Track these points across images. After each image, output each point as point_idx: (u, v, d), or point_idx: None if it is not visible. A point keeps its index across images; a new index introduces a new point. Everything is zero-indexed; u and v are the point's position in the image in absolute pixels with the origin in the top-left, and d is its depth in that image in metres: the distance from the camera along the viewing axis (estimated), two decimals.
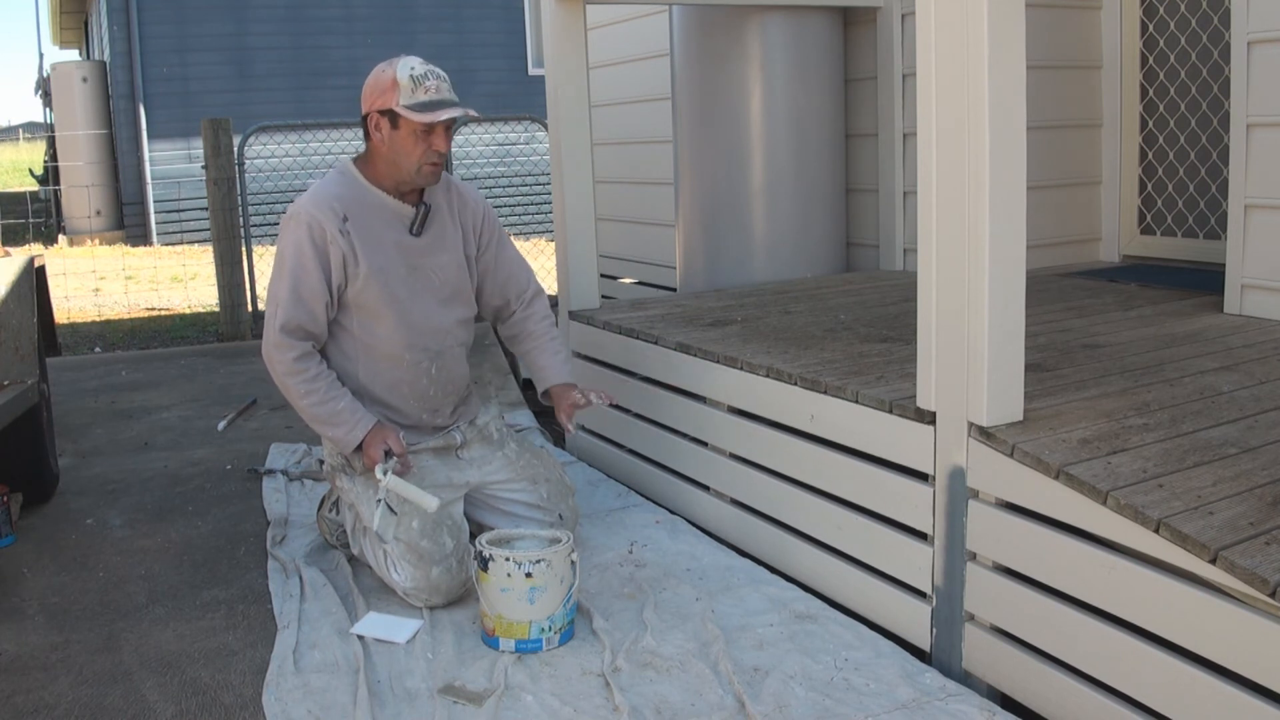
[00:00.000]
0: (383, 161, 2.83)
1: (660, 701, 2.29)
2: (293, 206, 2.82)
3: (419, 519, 2.79)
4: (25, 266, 3.63)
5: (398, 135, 2.77)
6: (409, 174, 2.82)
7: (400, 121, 2.75)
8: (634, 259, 6.29)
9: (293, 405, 2.86)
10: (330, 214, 2.77)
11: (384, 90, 2.76)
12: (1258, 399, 2.51)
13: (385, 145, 2.80)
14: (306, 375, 2.79)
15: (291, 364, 2.78)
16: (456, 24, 13.43)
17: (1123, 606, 2.03)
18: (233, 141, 6.70)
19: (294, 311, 2.77)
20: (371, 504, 2.83)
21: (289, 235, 2.79)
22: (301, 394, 2.79)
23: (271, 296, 2.83)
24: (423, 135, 2.76)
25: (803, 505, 2.89)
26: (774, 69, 4.50)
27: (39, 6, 25.75)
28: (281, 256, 2.80)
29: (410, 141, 2.76)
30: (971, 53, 2.18)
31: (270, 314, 2.81)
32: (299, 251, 2.77)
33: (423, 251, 2.92)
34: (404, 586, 2.77)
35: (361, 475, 2.88)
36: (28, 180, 17.26)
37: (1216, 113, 4.09)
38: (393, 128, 2.77)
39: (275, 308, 2.79)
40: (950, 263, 2.30)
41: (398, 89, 2.73)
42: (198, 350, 6.41)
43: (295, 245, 2.77)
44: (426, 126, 2.74)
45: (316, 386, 2.79)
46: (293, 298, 2.77)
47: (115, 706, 2.36)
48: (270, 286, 2.86)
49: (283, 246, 2.81)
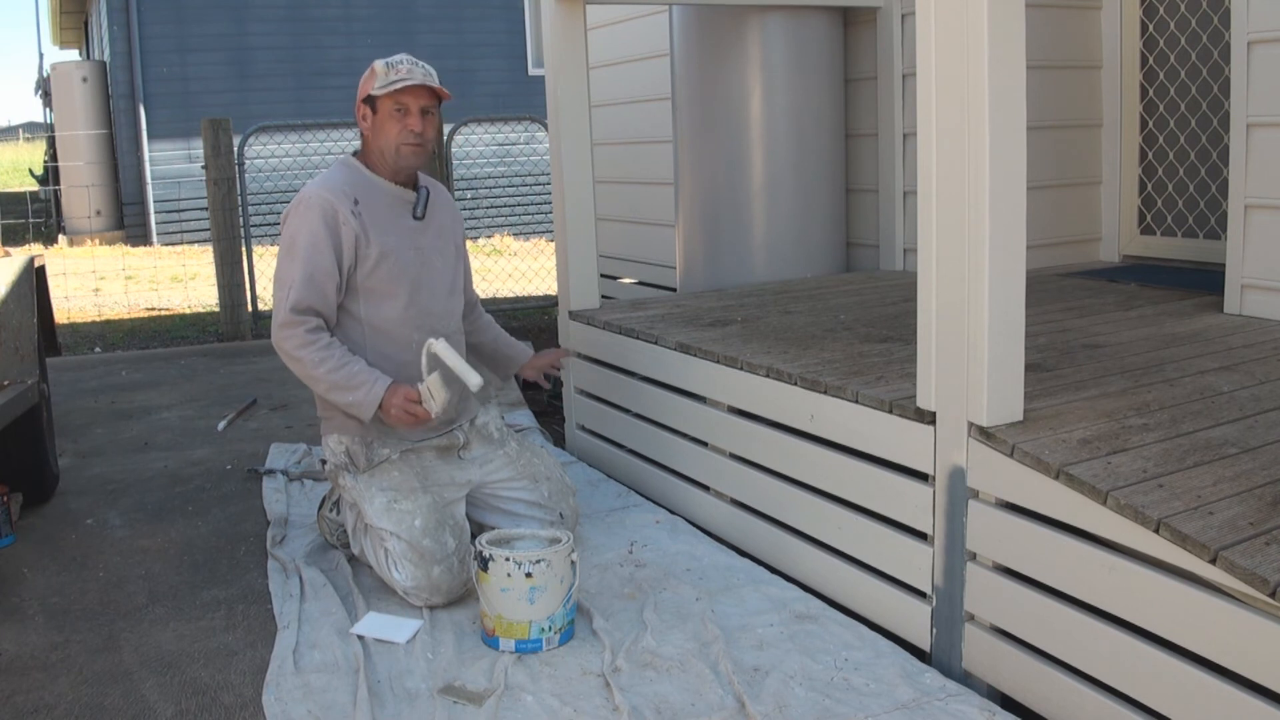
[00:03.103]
0: (373, 150, 2.94)
1: (660, 701, 2.29)
2: (302, 193, 2.87)
3: (421, 517, 2.80)
4: (25, 266, 3.63)
5: (377, 119, 2.90)
6: (390, 156, 2.91)
7: (377, 104, 2.88)
8: (634, 259, 6.29)
9: (307, 380, 2.85)
10: (342, 196, 2.85)
11: (365, 81, 2.92)
12: (1258, 399, 2.51)
13: (370, 132, 2.92)
14: (319, 345, 2.79)
15: (304, 336, 2.78)
16: (456, 24, 13.43)
17: (1123, 606, 2.03)
18: (233, 141, 6.70)
19: (305, 292, 2.80)
20: (373, 501, 2.84)
21: (301, 219, 2.83)
22: (316, 363, 2.78)
23: (281, 280, 2.84)
24: (398, 116, 2.87)
25: (803, 505, 2.89)
26: (774, 69, 4.50)
27: (39, 7, 25.78)
28: (292, 240, 2.83)
29: (388, 123, 2.88)
30: (971, 53, 2.18)
31: (280, 297, 2.82)
32: (313, 233, 2.81)
33: (425, 235, 3.00)
34: (404, 585, 2.77)
35: (364, 473, 2.88)
36: (28, 180, 17.27)
37: (1216, 113, 4.09)
38: (373, 113, 2.90)
39: (286, 290, 2.81)
40: (950, 263, 2.30)
41: (374, 76, 2.89)
42: (198, 350, 6.41)
43: (308, 227, 2.81)
44: (400, 107, 2.86)
45: (330, 354, 2.79)
46: (305, 279, 2.80)
47: (115, 706, 2.36)
48: (279, 270, 2.87)
49: (293, 230, 2.84)
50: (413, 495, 2.85)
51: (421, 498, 2.85)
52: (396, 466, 2.90)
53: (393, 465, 2.89)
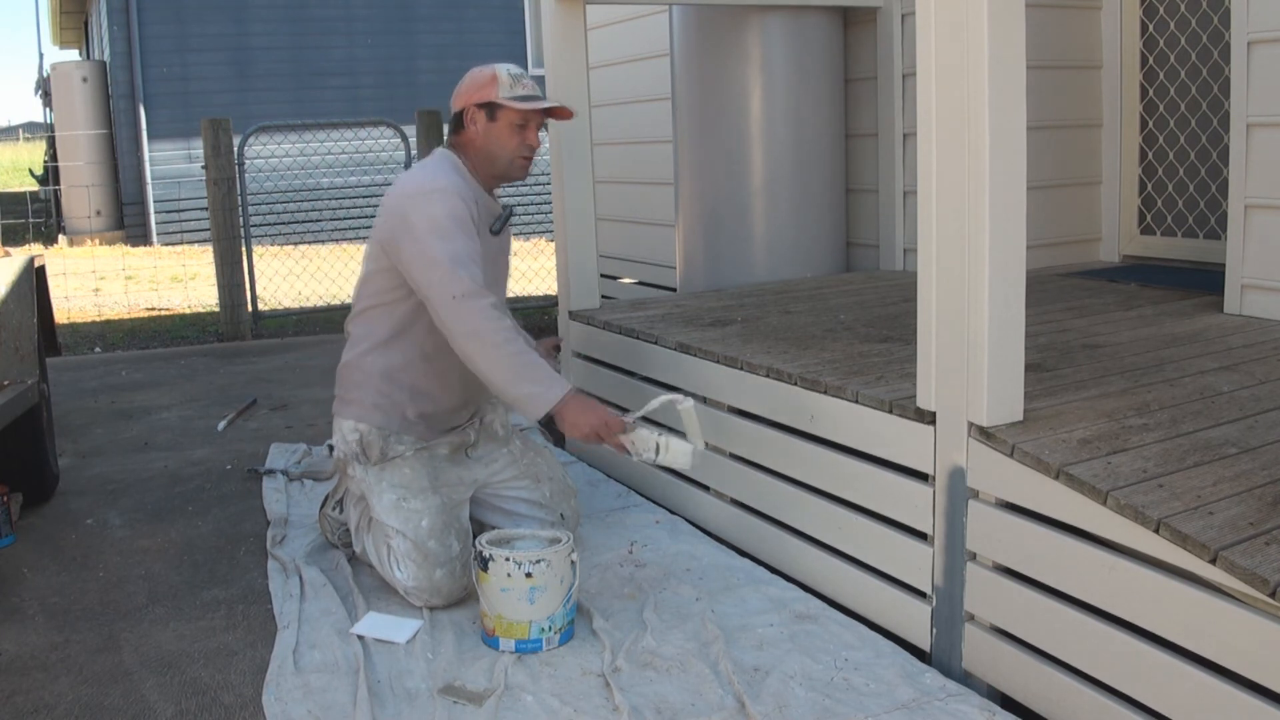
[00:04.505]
0: (477, 154, 2.88)
1: (660, 701, 2.29)
2: (430, 181, 2.76)
3: (429, 518, 2.80)
4: (25, 266, 3.63)
5: (494, 127, 2.85)
6: (503, 166, 2.88)
7: (499, 113, 2.84)
8: (634, 259, 6.29)
9: (478, 356, 2.66)
10: (470, 199, 2.78)
11: (483, 85, 2.85)
12: (1258, 399, 2.51)
13: (480, 138, 2.86)
14: (504, 324, 2.67)
15: (488, 309, 2.64)
16: (456, 24, 13.43)
17: (1123, 606, 2.02)
18: (233, 141, 6.70)
19: (473, 267, 2.67)
20: (382, 497, 2.82)
21: (442, 203, 2.70)
22: (501, 341, 2.63)
23: (443, 255, 2.65)
24: (518, 129, 2.85)
25: (803, 505, 2.89)
26: (774, 69, 4.50)
27: (39, 6, 25.79)
28: (437, 220, 2.68)
29: (507, 133, 2.85)
30: (971, 52, 2.18)
31: (448, 269, 2.63)
32: (460, 216, 2.71)
33: (495, 250, 2.96)
34: (406, 585, 2.77)
35: (375, 466, 2.86)
36: (28, 180, 17.28)
37: (1216, 113, 4.09)
38: (489, 120, 2.85)
39: (453, 263, 2.64)
40: (950, 263, 2.30)
41: (497, 84, 2.84)
42: (198, 350, 6.42)
43: (453, 210, 2.70)
44: (523, 119, 2.84)
45: (516, 336, 2.70)
46: (469, 253, 2.68)
47: (115, 706, 2.36)
48: (429, 249, 2.66)
49: (435, 213, 2.69)
50: (422, 495, 2.84)
51: (431, 498, 2.84)
52: (409, 464, 2.87)
53: (405, 462, 2.87)
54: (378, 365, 2.87)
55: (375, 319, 2.88)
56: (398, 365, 2.87)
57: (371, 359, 2.88)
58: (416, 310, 2.82)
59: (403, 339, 2.86)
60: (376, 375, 2.87)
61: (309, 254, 9.49)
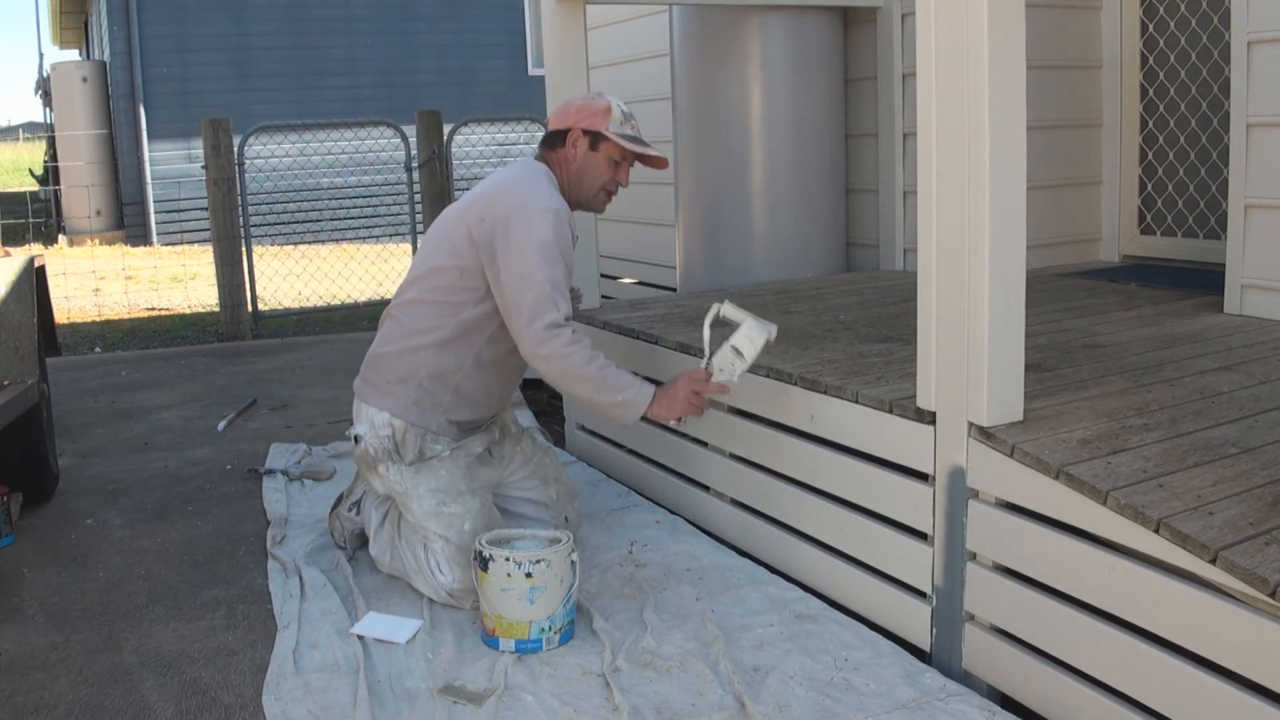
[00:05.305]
0: (568, 176, 2.92)
1: (660, 701, 2.29)
2: (546, 199, 2.75)
3: (470, 521, 2.80)
4: (25, 266, 3.63)
5: (593, 157, 2.90)
6: (587, 194, 2.94)
7: (601, 145, 2.90)
8: (634, 259, 6.29)
9: (567, 377, 2.72)
10: (568, 215, 2.80)
11: (595, 113, 2.90)
12: (1258, 399, 2.51)
13: (577, 162, 2.91)
14: (584, 345, 2.70)
15: (571, 336, 2.68)
16: (456, 24, 13.43)
17: (1123, 606, 2.03)
18: (233, 141, 6.70)
19: (563, 295, 2.70)
20: (422, 502, 2.80)
21: (554, 227, 2.71)
22: (586, 360, 2.68)
23: (544, 280, 2.67)
24: (614, 164, 2.92)
25: (803, 505, 2.89)
26: (774, 69, 4.50)
27: (39, 6, 25.79)
28: (546, 243, 2.69)
29: (604, 166, 2.91)
30: (971, 52, 2.18)
31: (546, 295, 2.66)
32: (565, 244, 2.73)
33: None
34: (450, 587, 2.75)
35: (410, 466, 2.81)
36: (28, 180, 17.27)
37: (1216, 113, 4.09)
38: (590, 148, 2.90)
39: (552, 290, 2.67)
40: (950, 263, 2.30)
41: (609, 117, 2.90)
42: (198, 350, 6.41)
43: (561, 236, 2.72)
44: (621, 156, 2.91)
45: (596, 354, 2.72)
46: (564, 281, 2.72)
47: (115, 706, 2.36)
48: (531, 269, 2.67)
49: (546, 235, 2.69)
50: (460, 498, 2.82)
51: (470, 501, 2.83)
52: (445, 465, 2.83)
53: (441, 464, 2.83)
54: (430, 364, 2.82)
55: (434, 315, 2.82)
56: (450, 368, 2.83)
57: (424, 356, 2.82)
58: (483, 319, 2.80)
59: (462, 343, 2.82)
60: (425, 373, 2.82)
61: (309, 254, 9.49)
